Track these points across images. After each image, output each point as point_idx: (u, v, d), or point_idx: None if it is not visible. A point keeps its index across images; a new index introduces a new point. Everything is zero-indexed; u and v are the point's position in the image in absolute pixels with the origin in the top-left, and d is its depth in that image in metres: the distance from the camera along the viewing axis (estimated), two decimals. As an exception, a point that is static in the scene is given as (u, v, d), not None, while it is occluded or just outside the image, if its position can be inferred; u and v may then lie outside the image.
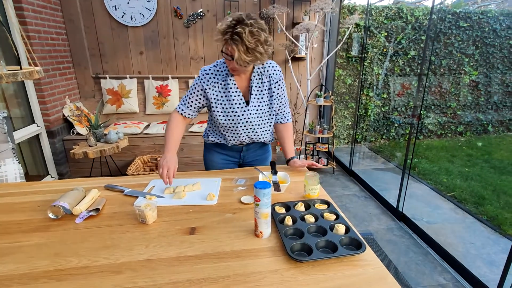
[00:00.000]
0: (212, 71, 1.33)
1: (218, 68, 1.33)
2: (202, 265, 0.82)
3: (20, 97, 2.78)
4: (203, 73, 1.33)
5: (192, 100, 1.37)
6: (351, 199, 2.91)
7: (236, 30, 1.11)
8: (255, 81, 1.34)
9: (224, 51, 1.19)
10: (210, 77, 1.32)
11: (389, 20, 4.15)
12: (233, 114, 1.35)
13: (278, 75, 1.38)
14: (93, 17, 3.27)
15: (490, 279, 1.83)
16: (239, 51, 1.13)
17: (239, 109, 1.34)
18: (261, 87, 1.36)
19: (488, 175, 3.55)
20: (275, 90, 1.38)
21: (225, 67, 1.33)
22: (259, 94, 1.36)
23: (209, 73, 1.32)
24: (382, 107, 4.52)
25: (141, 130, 3.24)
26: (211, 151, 1.54)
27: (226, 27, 1.14)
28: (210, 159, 1.55)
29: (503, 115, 4.85)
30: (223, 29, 1.15)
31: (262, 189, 0.87)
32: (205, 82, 1.32)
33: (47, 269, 0.81)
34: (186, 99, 1.38)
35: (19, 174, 1.81)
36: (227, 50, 1.18)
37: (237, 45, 1.12)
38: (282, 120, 1.50)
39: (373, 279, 0.78)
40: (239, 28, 1.11)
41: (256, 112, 1.38)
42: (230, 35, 1.13)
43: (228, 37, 1.13)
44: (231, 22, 1.13)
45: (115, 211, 1.10)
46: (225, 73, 1.32)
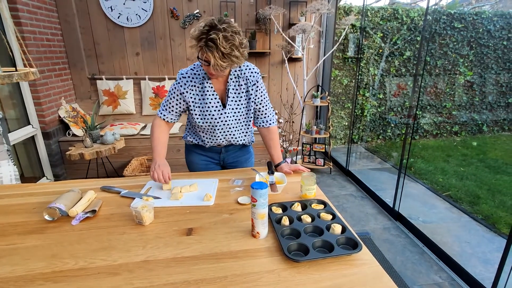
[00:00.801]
0: (189, 75, 1.31)
1: (196, 71, 1.32)
2: (199, 265, 0.82)
3: (15, 98, 2.76)
4: (180, 77, 1.32)
5: (172, 104, 1.36)
6: (348, 199, 2.93)
7: (210, 37, 1.09)
8: (232, 83, 1.34)
9: (200, 57, 1.18)
10: (187, 81, 1.31)
11: (384, 21, 4.18)
12: (210, 116, 1.34)
13: (255, 77, 1.35)
14: (89, 18, 3.26)
15: (485, 278, 1.85)
16: (214, 58, 1.11)
17: (216, 112, 1.34)
18: (238, 89, 1.35)
19: (483, 175, 3.58)
20: (252, 92, 1.36)
21: (202, 69, 1.31)
22: (236, 97, 1.36)
23: (186, 76, 1.31)
24: (378, 107, 4.55)
25: (137, 131, 3.23)
26: (191, 152, 1.54)
27: (200, 34, 1.12)
28: (190, 160, 1.55)
29: (498, 115, 4.90)
30: (196, 35, 1.13)
31: (259, 190, 0.88)
32: (182, 86, 1.31)
33: (43, 271, 0.80)
34: (166, 103, 1.37)
35: (15, 176, 1.80)
36: (202, 56, 1.16)
37: (212, 51, 1.11)
38: (265, 124, 1.46)
39: (369, 278, 0.78)
40: (213, 34, 1.09)
41: (234, 115, 1.37)
42: (204, 41, 1.11)
43: (202, 44, 1.12)
44: (204, 28, 1.11)
45: (112, 212, 1.10)
46: (202, 76, 1.31)
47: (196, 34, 1.14)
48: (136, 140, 3.16)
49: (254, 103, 1.39)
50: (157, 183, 1.31)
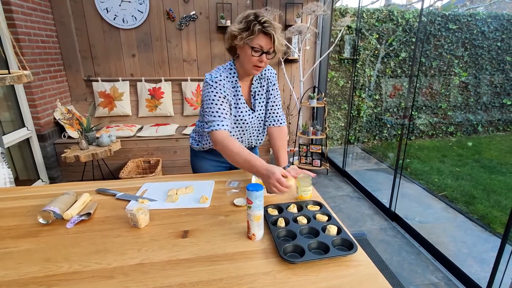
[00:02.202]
0: (223, 77, 1.23)
1: (227, 75, 1.26)
2: (194, 268, 0.82)
3: (9, 100, 2.74)
4: (215, 81, 1.21)
5: (226, 110, 1.23)
6: (345, 200, 2.93)
7: (264, 19, 1.10)
8: (257, 85, 1.33)
9: (255, 47, 1.14)
10: (224, 84, 1.23)
11: (380, 23, 4.21)
12: (242, 121, 1.31)
13: (274, 77, 1.38)
14: (85, 19, 3.24)
15: (481, 277, 1.86)
16: (276, 36, 1.12)
17: (247, 117, 1.31)
18: (261, 91, 1.35)
19: (478, 175, 3.61)
20: (272, 92, 1.37)
21: (232, 73, 1.27)
22: (260, 99, 1.35)
23: (222, 79, 1.22)
24: (374, 108, 4.57)
25: (134, 133, 3.21)
26: (201, 158, 1.49)
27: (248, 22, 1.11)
28: (200, 166, 1.50)
29: (492, 115, 4.95)
30: (243, 26, 1.12)
31: (254, 192, 0.87)
32: (222, 89, 1.22)
33: (37, 275, 0.80)
34: (220, 112, 1.20)
35: (9, 179, 1.78)
36: (257, 45, 1.14)
37: (273, 30, 1.11)
38: (275, 123, 1.44)
39: (365, 279, 0.78)
40: (264, 17, 1.10)
41: (260, 117, 1.37)
42: (259, 25, 1.10)
43: (259, 27, 1.10)
44: (251, 16, 1.12)
45: (107, 215, 1.09)
46: (234, 79, 1.27)
47: (243, 25, 1.13)
48: (132, 142, 3.15)
49: (271, 102, 1.39)
50: (155, 186, 1.31)
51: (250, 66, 1.20)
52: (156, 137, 3.18)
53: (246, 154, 1.12)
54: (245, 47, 1.16)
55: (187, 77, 3.57)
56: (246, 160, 1.12)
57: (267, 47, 1.15)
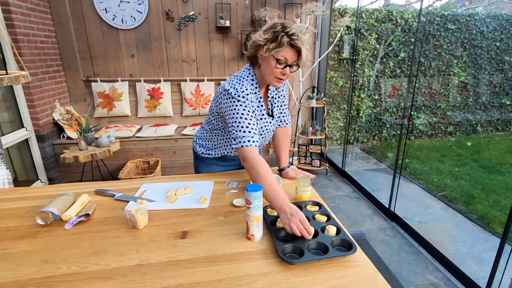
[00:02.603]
0: (249, 91, 1.17)
1: (250, 85, 1.20)
2: (193, 269, 0.82)
3: (8, 101, 2.73)
4: (243, 95, 1.14)
5: (255, 125, 1.16)
6: (344, 200, 2.93)
7: (291, 31, 1.06)
8: (273, 91, 1.32)
9: (279, 59, 1.09)
10: (251, 97, 1.17)
11: (379, 23, 4.21)
12: (266, 129, 1.29)
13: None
14: (83, 20, 3.24)
15: (480, 277, 1.86)
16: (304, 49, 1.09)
17: (268, 124, 1.30)
18: (277, 94, 1.34)
19: (477, 174, 3.61)
20: (283, 93, 1.37)
21: (253, 83, 1.21)
22: (277, 103, 1.35)
23: (249, 93, 1.16)
24: (374, 108, 4.57)
25: (133, 133, 3.21)
26: (209, 164, 1.46)
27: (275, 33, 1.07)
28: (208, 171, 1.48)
29: (491, 115, 4.96)
30: (269, 37, 1.08)
31: (253, 192, 0.87)
32: (249, 104, 1.15)
33: (35, 276, 0.79)
34: (250, 128, 1.13)
35: (8, 180, 1.78)
36: (283, 57, 1.09)
37: (301, 43, 1.08)
38: (281, 123, 1.44)
39: (364, 279, 0.78)
40: (291, 29, 1.07)
41: (277, 121, 1.36)
42: (287, 37, 1.06)
43: (286, 39, 1.06)
44: (278, 28, 1.07)
45: (106, 216, 1.09)
46: (257, 90, 1.23)
47: (269, 36, 1.08)
48: (131, 143, 3.14)
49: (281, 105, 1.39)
50: (154, 186, 1.31)
51: (272, 78, 1.15)
52: (155, 138, 3.17)
53: (272, 183, 1.03)
54: (269, 58, 1.11)
55: (186, 78, 3.56)
56: (271, 190, 1.01)
57: (292, 60, 1.11)
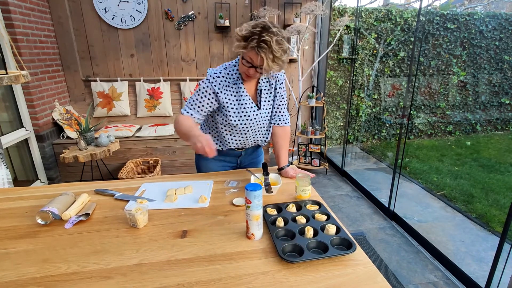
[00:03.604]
0: (223, 74, 1.26)
1: (228, 71, 1.28)
2: (193, 268, 0.82)
3: (8, 100, 2.73)
4: (213, 76, 1.25)
5: (203, 104, 1.27)
6: (344, 199, 2.93)
7: (264, 38, 1.08)
8: (263, 84, 1.34)
9: (246, 58, 1.15)
10: (221, 80, 1.25)
11: (378, 22, 4.21)
12: (245, 118, 1.32)
13: (283, 76, 1.39)
14: (83, 20, 3.23)
15: (480, 276, 1.87)
16: (267, 59, 1.10)
17: (251, 113, 1.32)
18: (269, 89, 1.36)
19: (476, 174, 3.62)
20: (279, 91, 1.38)
21: (235, 70, 1.28)
22: (267, 97, 1.36)
23: (220, 76, 1.26)
24: (373, 107, 4.57)
25: (132, 133, 3.21)
26: (208, 159, 1.47)
27: (250, 34, 1.10)
28: (206, 166, 1.50)
29: (491, 114, 4.96)
30: (245, 34, 1.11)
31: (253, 191, 0.87)
32: (216, 85, 1.25)
33: (35, 275, 0.79)
34: (195, 103, 1.27)
35: (7, 180, 1.78)
36: (249, 57, 1.14)
37: (266, 53, 1.09)
38: (280, 123, 1.44)
39: (364, 278, 0.78)
40: (266, 36, 1.08)
41: (266, 115, 1.38)
42: (256, 42, 1.09)
43: (254, 44, 1.09)
44: (256, 29, 1.09)
45: (106, 215, 1.09)
46: (235, 76, 1.28)
47: (245, 33, 1.11)
48: (131, 142, 3.14)
49: (277, 101, 1.40)
50: (154, 186, 1.31)
51: (241, 71, 1.24)
52: (155, 137, 3.17)
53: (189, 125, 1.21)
54: (240, 53, 1.18)
55: (186, 77, 3.56)
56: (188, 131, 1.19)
57: (258, 63, 1.14)
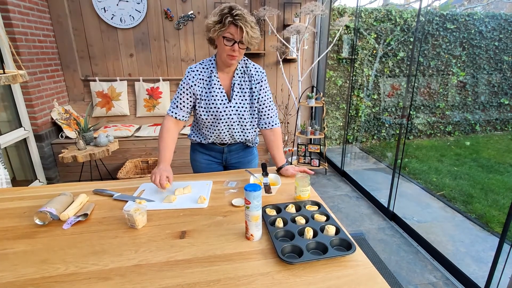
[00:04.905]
0: (197, 68, 1.35)
1: (204, 65, 1.36)
2: (192, 269, 0.81)
3: (6, 100, 2.72)
4: (189, 71, 1.35)
5: (183, 100, 1.36)
6: (343, 200, 2.93)
7: (236, 12, 1.17)
8: (238, 79, 1.38)
9: (227, 36, 1.21)
10: (195, 74, 1.34)
11: (378, 22, 4.21)
12: (215, 109, 1.35)
13: (260, 76, 1.39)
14: (82, 19, 3.23)
15: (479, 276, 1.87)
16: (245, 27, 1.18)
17: (221, 105, 1.35)
18: (243, 85, 1.38)
19: (476, 174, 3.62)
20: (255, 90, 1.39)
21: (210, 64, 1.36)
22: (240, 92, 1.38)
23: (195, 70, 1.35)
24: (373, 107, 4.57)
25: (132, 133, 3.20)
26: (195, 151, 1.55)
27: (221, 15, 1.18)
28: (194, 159, 1.56)
29: (490, 114, 4.96)
30: (218, 16, 1.19)
31: (252, 192, 0.87)
32: (190, 79, 1.34)
33: (33, 276, 0.79)
34: (176, 100, 1.38)
35: (5, 180, 1.77)
36: (229, 34, 1.21)
37: (243, 22, 1.17)
38: (267, 126, 1.45)
39: (363, 279, 0.78)
40: (237, 10, 1.18)
41: (238, 110, 1.38)
42: (231, 17, 1.17)
43: (230, 19, 1.17)
44: (225, 10, 1.18)
45: (104, 216, 1.08)
46: (210, 69, 1.35)
47: (216, 18, 1.20)
48: (130, 142, 3.13)
49: (258, 103, 1.41)
50: (153, 186, 1.30)
51: (225, 55, 1.27)
52: (154, 137, 3.17)
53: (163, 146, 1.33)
54: (220, 38, 1.24)
55: (185, 77, 3.55)
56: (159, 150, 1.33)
57: (238, 37, 1.21)
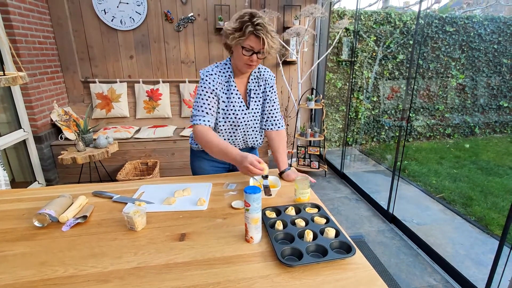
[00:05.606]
0: (215, 72, 1.30)
1: (220, 69, 1.31)
2: (191, 272, 0.81)
3: (6, 101, 2.72)
4: (206, 75, 1.28)
5: (211, 104, 1.28)
6: (343, 202, 2.93)
7: (257, 21, 1.14)
8: (252, 84, 1.36)
9: (246, 46, 1.18)
10: (214, 78, 1.29)
11: (377, 25, 4.22)
12: (234, 116, 1.33)
13: (272, 80, 1.41)
14: (82, 21, 3.23)
15: (479, 279, 1.86)
16: (267, 38, 1.15)
17: (240, 112, 1.34)
18: (257, 90, 1.38)
19: (475, 176, 3.62)
20: (268, 94, 1.39)
21: (227, 68, 1.32)
22: (256, 97, 1.38)
23: (213, 73, 1.29)
24: (372, 110, 4.58)
25: (131, 134, 3.20)
26: (199, 158, 1.49)
27: (241, 23, 1.15)
28: (199, 166, 1.50)
29: (489, 117, 4.97)
30: (237, 26, 1.16)
31: (252, 194, 0.87)
32: (211, 82, 1.28)
33: (32, 279, 0.79)
34: (203, 107, 1.27)
35: (5, 181, 1.77)
36: (248, 45, 1.18)
37: (264, 33, 1.14)
38: (274, 127, 1.45)
39: (363, 282, 0.78)
40: (258, 19, 1.14)
41: (254, 116, 1.39)
42: (252, 27, 1.14)
43: (251, 29, 1.14)
44: (245, 18, 1.15)
45: (103, 218, 1.08)
46: (227, 74, 1.32)
47: (236, 25, 1.16)
48: (129, 144, 3.13)
49: (268, 105, 1.41)
50: (152, 187, 1.30)
51: (242, 64, 1.25)
52: (154, 139, 3.17)
53: (222, 144, 1.21)
54: (237, 46, 1.21)
55: (185, 79, 3.56)
56: (221, 150, 1.20)
57: (257, 47, 1.19)
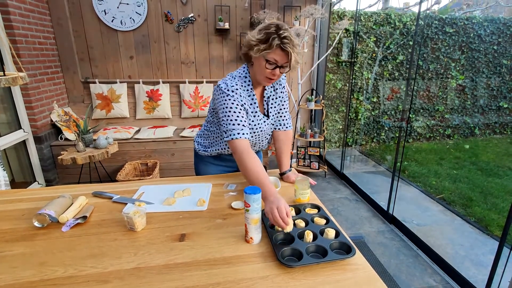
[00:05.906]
0: (239, 86, 1.21)
1: (241, 83, 1.24)
2: (191, 272, 0.81)
3: (6, 102, 2.72)
4: (232, 90, 1.18)
5: (244, 118, 1.19)
6: (343, 203, 2.93)
7: (284, 34, 1.08)
8: (269, 90, 1.32)
9: (270, 60, 1.12)
10: (241, 92, 1.21)
11: (377, 26, 4.23)
12: (258, 127, 1.30)
13: (284, 79, 1.37)
14: (82, 21, 3.23)
15: (479, 280, 1.86)
16: (293, 53, 1.10)
17: (262, 123, 1.30)
18: (274, 95, 1.34)
19: (475, 177, 3.62)
20: (281, 95, 1.37)
21: (247, 81, 1.25)
22: (273, 104, 1.34)
23: (239, 88, 1.20)
24: (372, 110, 4.58)
25: (131, 135, 3.20)
26: (207, 163, 1.48)
27: (267, 34, 1.09)
28: (206, 171, 1.49)
29: (489, 118, 4.98)
30: (262, 37, 1.10)
31: (252, 195, 0.87)
32: (239, 97, 1.19)
33: (31, 279, 0.79)
34: (239, 120, 1.17)
35: (4, 182, 1.77)
36: (273, 59, 1.11)
37: (291, 47, 1.09)
38: (282, 127, 1.42)
39: (363, 283, 0.78)
40: (285, 32, 1.08)
41: (273, 122, 1.36)
42: (278, 40, 1.08)
43: (277, 42, 1.08)
44: (271, 29, 1.09)
45: (103, 218, 1.08)
46: (249, 88, 1.25)
47: (262, 36, 1.10)
48: (129, 144, 3.13)
49: (280, 106, 1.38)
50: (152, 188, 1.30)
51: (262, 77, 1.18)
52: (154, 139, 3.17)
53: (259, 175, 1.07)
54: (260, 58, 1.14)
55: (185, 79, 3.56)
56: (259, 181, 1.06)
57: (282, 62, 1.13)
